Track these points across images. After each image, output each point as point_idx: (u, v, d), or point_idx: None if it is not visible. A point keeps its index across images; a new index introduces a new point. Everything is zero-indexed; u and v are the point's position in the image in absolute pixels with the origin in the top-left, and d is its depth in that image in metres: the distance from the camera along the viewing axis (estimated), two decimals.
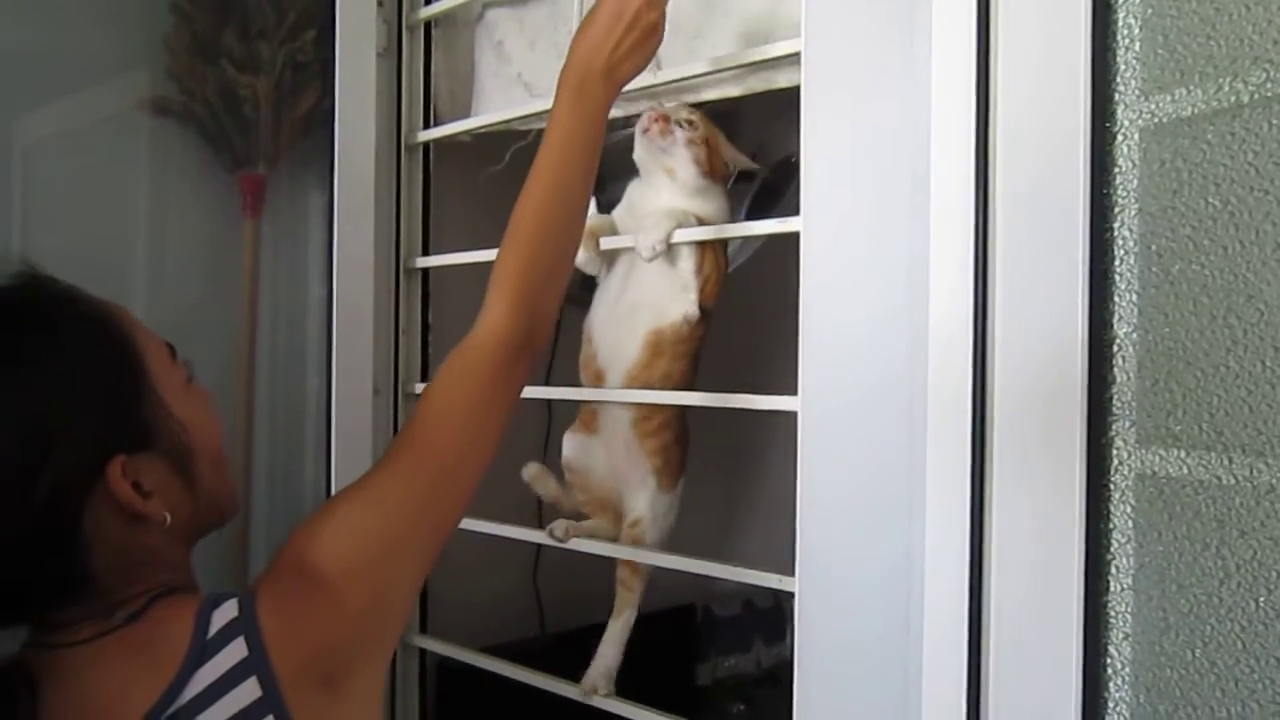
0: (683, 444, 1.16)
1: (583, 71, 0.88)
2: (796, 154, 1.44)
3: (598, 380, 1.15)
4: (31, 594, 0.66)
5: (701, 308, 1.10)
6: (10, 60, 1.18)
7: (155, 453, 0.69)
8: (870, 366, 0.90)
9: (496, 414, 0.81)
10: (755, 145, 1.42)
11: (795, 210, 0.93)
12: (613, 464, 1.16)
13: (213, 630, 0.65)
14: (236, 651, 0.64)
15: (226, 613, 0.66)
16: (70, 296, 0.70)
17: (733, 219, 1.15)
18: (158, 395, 0.69)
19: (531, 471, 1.23)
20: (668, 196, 1.11)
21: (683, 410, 1.15)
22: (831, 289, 0.91)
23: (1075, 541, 0.72)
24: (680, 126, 1.08)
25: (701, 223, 1.09)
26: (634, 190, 1.15)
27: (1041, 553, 0.73)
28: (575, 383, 1.21)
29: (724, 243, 1.14)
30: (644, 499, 1.13)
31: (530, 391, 1.25)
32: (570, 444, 1.19)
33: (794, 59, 0.97)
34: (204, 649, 0.64)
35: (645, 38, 0.91)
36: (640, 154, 1.11)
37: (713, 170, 1.10)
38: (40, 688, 0.64)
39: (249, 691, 0.63)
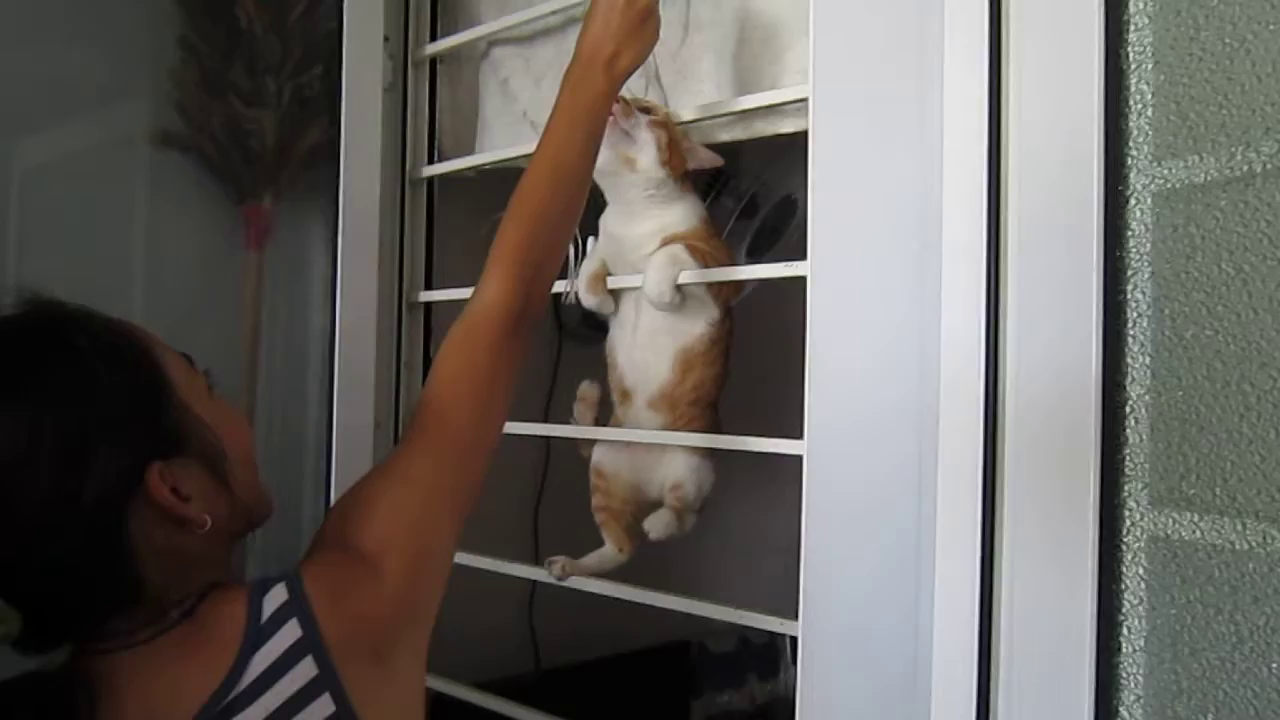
0: (716, 426, 1.14)
1: (584, 65, 0.92)
2: (795, 193, 1.45)
3: (625, 399, 1.15)
4: (88, 606, 0.67)
5: (725, 306, 1.10)
6: (11, 83, 1.17)
7: (189, 457, 0.69)
8: (878, 414, 0.89)
9: (501, 383, 0.84)
10: (755, 184, 1.43)
11: (794, 249, 0.93)
12: (643, 463, 1.15)
13: (265, 615, 0.67)
14: (291, 633, 0.66)
15: (277, 596, 0.68)
16: (83, 314, 0.71)
17: (712, 223, 1.13)
18: (183, 401, 0.70)
19: (584, 389, 1.22)
20: (638, 208, 1.09)
21: (714, 404, 1.13)
22: (839, 334, 0.90)
23: (1088, 601, 0.72)
24: (644, 111, 1.07)
25: (681, 235, 1.08)
26: (608, 220, 1.14)
27: (1053, 611, 0.73)
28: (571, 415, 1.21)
29: (723, 244, 1.12)
30: (682, 464, 1.11)
31: (531, 428, 1.25)
32: (601, 449, 1.18)
33: (801, 104, 0.97)
34: (259, 633, 0.66)
35: (639, 24, 0.94)
36: (601, 163, 1.02)
37: (672, 161, 1.08)
38: (99, 693, 0.65)
39: (306, 670, 0.65)
